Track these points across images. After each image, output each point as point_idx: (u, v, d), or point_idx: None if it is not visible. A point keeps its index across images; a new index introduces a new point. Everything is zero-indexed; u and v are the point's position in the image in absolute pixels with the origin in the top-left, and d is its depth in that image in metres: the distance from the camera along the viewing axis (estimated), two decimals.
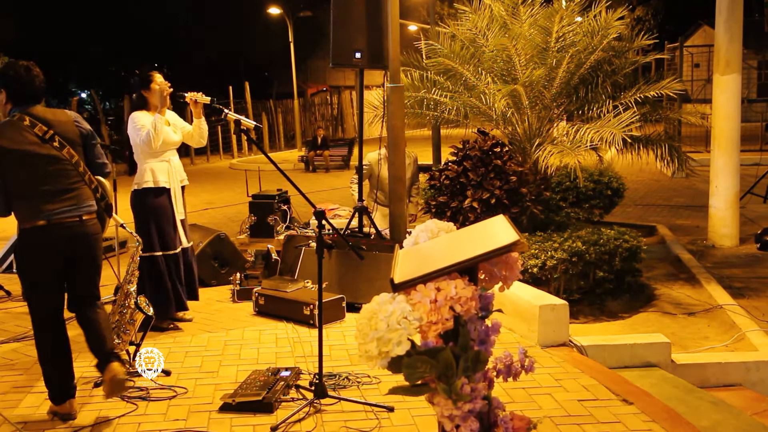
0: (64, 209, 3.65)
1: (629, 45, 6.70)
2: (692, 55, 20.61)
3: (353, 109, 30.81)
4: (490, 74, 6.61)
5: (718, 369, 4.94)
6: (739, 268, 7.44)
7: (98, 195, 3.83)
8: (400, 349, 2.35)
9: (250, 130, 4.33)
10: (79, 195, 3.72)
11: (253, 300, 5.65)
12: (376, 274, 5.54)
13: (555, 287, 5.80)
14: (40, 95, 3.77)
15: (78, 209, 3.70)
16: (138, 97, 5.15)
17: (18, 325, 5.50)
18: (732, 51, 8.10)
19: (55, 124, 3.70)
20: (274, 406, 3.78)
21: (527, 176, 6.52)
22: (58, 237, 3.64)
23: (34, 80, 3.72)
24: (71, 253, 3.70)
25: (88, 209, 3.75)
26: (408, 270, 2.51)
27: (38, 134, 3.63)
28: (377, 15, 6.09)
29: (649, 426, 3.59)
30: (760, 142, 15.73)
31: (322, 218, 3.76)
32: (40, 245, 3.66)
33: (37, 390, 4.15)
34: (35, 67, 3.76)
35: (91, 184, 3.79)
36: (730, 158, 8.22)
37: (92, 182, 3.80)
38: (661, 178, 13.54)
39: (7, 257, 7.42)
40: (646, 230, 8.81)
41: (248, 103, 24.97)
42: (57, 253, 3.67)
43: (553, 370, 4.36)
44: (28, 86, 3.71)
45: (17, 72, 3.68)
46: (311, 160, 19.12)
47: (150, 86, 5.04)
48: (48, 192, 3.63)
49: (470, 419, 2.47)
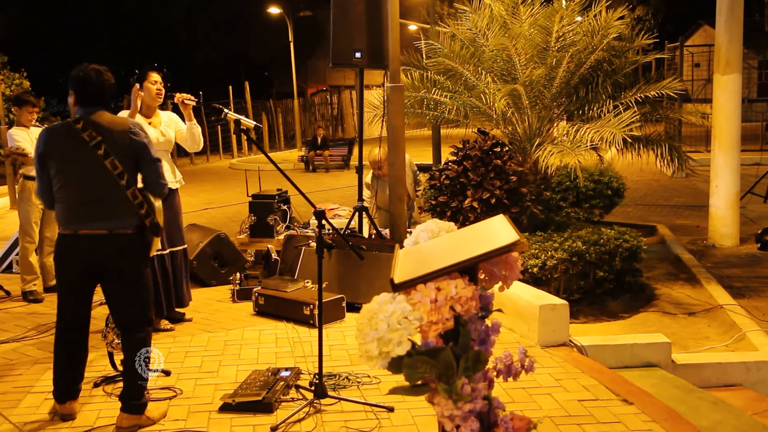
0: (93, 220, 3.56)
1: (629, 45, 6.69)
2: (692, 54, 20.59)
3: (353, 108, 30.81)
4: (490, 74, 6.60)
5: (718, 369, 4.94)
6: (740, 267, 7.44)
7: (142, 212, 3.60)
8: (401, 349, 2.34)
9: (250, 129, 4.33)
10: (113, 208, 3.58)
11: (253, 300, 5.65)
12: (376, 274, 5.54)
13: (555, 287, 5.80)
14: (107, 100, 3.71)
15: (108, 222, 3.56)
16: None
17: (18, 325, 5.50)
18: (732, 51, 8.09)
19: (106, 131, 3.58)
20: (274, 406, 3.77)
21: (527, 176, 6.52)
22: (83, 248, 3.60)
23: (102, 84, 3.67)
24: (97, 265, 3.62)
25: (122, 224, 3.58)
26: (408, 270, 2.51)
27: (86, 140, 3.54)
28: (377, 15, 6.09)
29: (650, 426, 3.59)
30: (761, 142, 15.73)
31: (322, 218, 3.76)
32: (66, 253, 3.64)
33: (37, 390, 4.15)
34: (106, 72, 3.70)
35: (135, 200, 3.58)
36: (730, 158, 8.22)
37: (136, 197, 3.59)
38: (661, 177, 13.54)
39: (7, 257, 7.43)
40: (646, 230, 8.80)
41: (248, 102, 24.97)
42: (81, 263, 3.61)
43: (553, 370, 4.36)
44: (94, 89, 3.65)
45: (86, 75, 3.64)
46: (311, 160, 19.12)
47: (143, 84, 5.07)
48: (80, 201, 3.59)
49: (470, 419, 2.46)
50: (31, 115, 6.24)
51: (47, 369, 4.48)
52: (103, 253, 3.59)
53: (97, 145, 3.54)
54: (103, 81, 3.67)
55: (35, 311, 5.89)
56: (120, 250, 3.60)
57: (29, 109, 6.23)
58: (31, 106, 6.25)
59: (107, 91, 3.70)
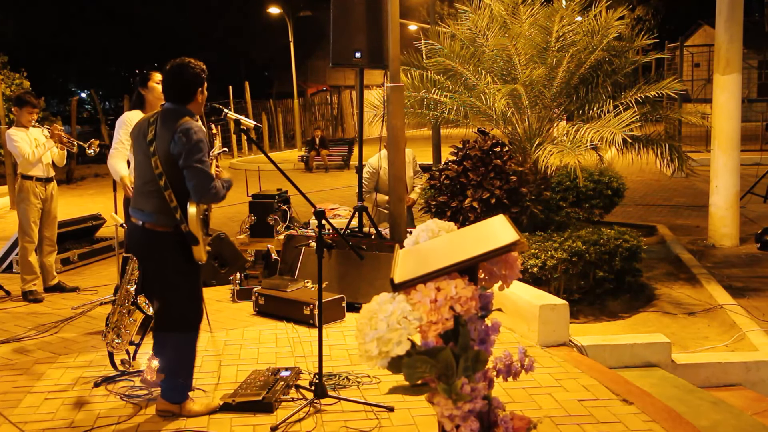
0: (137, 209, 3.71)
1: (629, 45, 6.70)
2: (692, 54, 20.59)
3: (353, 108, 30.80)
4: (490, 74, 6.60)
5: (718, 369, 4.94)
6: (740, 267, 7.44)
7: (177, 216, 3.59)
8: (400, 348, 2.34)
9: (250, 129, 4.32)
10: (150, 203, 3.63)
11: (253, 300, 5.65)
12: (376, 274, 5.54)
13: (555, 287, 5.80)
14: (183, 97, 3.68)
15: (144, 215, 3.65)
16: (136, 96, 5.22)
17: (18, 325, 5.50)
18: (732, 51, 8.09)
19: (160, 130, 3.61)
20: (274, 406, 3.77)
21: (527, 176, 6.52)
22: (128, 231, 3.97)
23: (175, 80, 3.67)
24: (134, 251, 3.99)
25: (155, 220, 3.62)
26: (408, 270, 2.51)
27: (148, 134, 3.65)
28: (377, 15, 6.09)
29: (649, 426, 3.59)
30: (761, 142, 15.72)
31: (322, 218, 3.76)
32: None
33: (37, 390, 4.15)
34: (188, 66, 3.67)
35: (171, 203, 3.58)
36: (730, 158, 8.22)
37: (171, 201, 3.58)
38: (661, 177, 13.54)
39: (7, 257, 7.42)
40: (646, 230, 8.80)
41: (248, 102, 24.95)
42: (128, 243, 4.09)
43: (553, 370, 4.36)
44: (167, 85, 3.72)
45: (168, 69, 3.71)
46: (310, 160, 19.14)
47: (147, 84, 5.11)
48: (136, 187, 3.79)
49: (470, 419, 2.46)
50: (31, 116, 6.24)
51: (47, 369, 4.49)
52: (136, 242, 3.80)
53: (150, 141, 3.63)
54: (177, 77, 3.67)
55: (35, 311, 5.89)
56: (149, 245, 3.69)
57: (29, 109, 6.23)
58: (31, 107, 6.25)
59: (180, 88, 3.67)
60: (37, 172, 6.21)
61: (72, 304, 6.01)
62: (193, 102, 3.70)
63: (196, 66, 3.69)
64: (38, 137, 6.27)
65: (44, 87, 25.26)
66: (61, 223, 6.97)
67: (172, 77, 3.68)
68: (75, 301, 6.10)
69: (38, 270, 6.33)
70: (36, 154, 6.12)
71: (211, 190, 3.60)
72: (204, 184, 3.58)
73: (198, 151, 3.55)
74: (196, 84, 3.68)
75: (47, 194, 6.30)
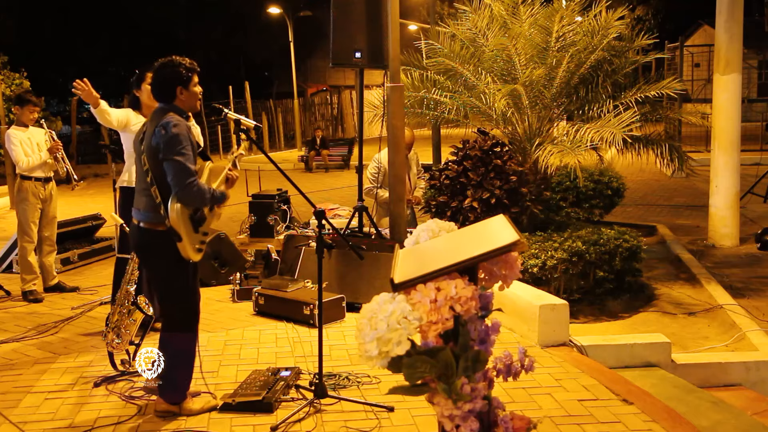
0: (134, 209, 3.76)
1: (629, 44, 6.70)
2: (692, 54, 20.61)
3: (353, 108, 30.79)
4: (490, 74, 6.60)
5: (718, 369, 4.94)
6: (740, 267, 7.44)
7: (161, 212, 3.58)
8: (400, 348, 2.34)
9: (250, 129, 4.32)
10: (142, 202, 3.68)
11: (253, 300, 5.65)
12: (376, 274, 5.54)
13: (555, 287, 5.80)
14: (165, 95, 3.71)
15: (138, 214, 3.71)
16: (132, 97, 5.21)
17: (18, 325, 5.50)
18: (732, 51, 8.09)
19: (147, 128, 3.67)
20: (274, 406, 3.77)
21: (527, 176, 6.52)
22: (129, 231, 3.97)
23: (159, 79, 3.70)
24: (135, 251, 4.05)
25: (146, 219, 3.66)
26: (408, 270, 2.51)
27: (142, 132, 3.70)
28: (377, 15, 6.09)
29: (649, 426, 3.59)
30: (761, 142, 15.72)
31: (322, 218, 3.76)
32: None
33: (37, 390, 4.15)
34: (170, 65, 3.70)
35: (155, 199, 3.59)
36: (730, 158, 8.22)
37: (157, 197, 3.59)
38: (661, 177, 13.54)
39: (7, 257, 7.42)
40: (646, 230, 8.80)
41: (248, 102, 24.94)
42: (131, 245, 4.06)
43: (553, 370, 4.36)
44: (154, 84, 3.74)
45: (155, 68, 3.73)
46: (310, 160, 19.14)
47: (141, 86, 5.08)
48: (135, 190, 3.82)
49: (470, 419, 2.46)
50: (32, 115, 6.25)
51: (47, 369, 4.49)
52: (134, 242, 3.85)
53: (141, 140, 3.67)
54: (156, 76, 3.70)
55: (35, 311, 5.89)
56: (144, 243, 3.74)
57: (31, 108, 6.24)
58: (32, 106, 6.26)
59: (159, 87, 3.69)
60: (37, 173, 6.21)
61: (72, 304, 6.01)
62: (176, 100, 3.68)
63: (179, 64, 3.67)
64: (38, 137, 6.27)
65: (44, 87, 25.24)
66: (60, 223, 6.98)
67: (153, 77, 3.74)
68: (75, 301, 6.10)
69: (38, 270, 6.33)
70: (30, 163, 6.14)
71: (190, 186, 3.53)
72: (180, 177, 3.51)
73: (176, 143, 3.51)
74: (175, 82, 3.65)
75: (46, 194, 6.30)
